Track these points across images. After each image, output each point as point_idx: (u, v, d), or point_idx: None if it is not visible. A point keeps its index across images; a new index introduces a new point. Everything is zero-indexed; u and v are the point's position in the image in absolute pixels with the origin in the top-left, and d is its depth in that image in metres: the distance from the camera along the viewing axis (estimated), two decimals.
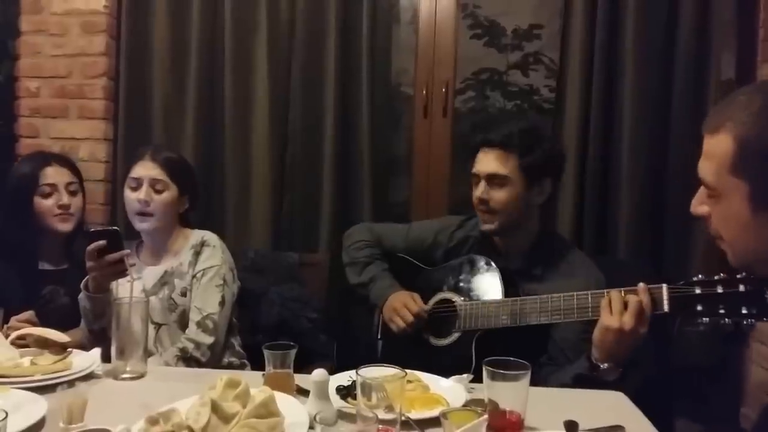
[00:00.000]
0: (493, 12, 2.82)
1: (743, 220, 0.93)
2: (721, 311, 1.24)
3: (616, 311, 1.36)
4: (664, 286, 1.35)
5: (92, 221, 2.36)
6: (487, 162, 1.69)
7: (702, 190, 1.02)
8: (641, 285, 1.38)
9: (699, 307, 1.27)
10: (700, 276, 1.29)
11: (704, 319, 1.27)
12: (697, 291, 1.28)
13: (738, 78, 2.31)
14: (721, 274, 1.26)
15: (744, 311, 1.21)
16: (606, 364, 1.40)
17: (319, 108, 2.49)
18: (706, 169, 0.98)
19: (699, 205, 1.03)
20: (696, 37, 2.28)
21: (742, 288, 1.22)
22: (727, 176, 0.94)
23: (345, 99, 2.49)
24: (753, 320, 1.21)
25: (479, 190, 1.70)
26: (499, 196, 1.68)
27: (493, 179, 1.68)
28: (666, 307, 1.34)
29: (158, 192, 1.83)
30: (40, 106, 2.62)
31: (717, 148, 0.95)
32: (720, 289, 1.25)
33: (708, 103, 2.28)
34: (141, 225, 1.84)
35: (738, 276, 1.23)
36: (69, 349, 1.45)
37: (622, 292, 1.39)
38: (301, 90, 2.51)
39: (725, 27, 2.29)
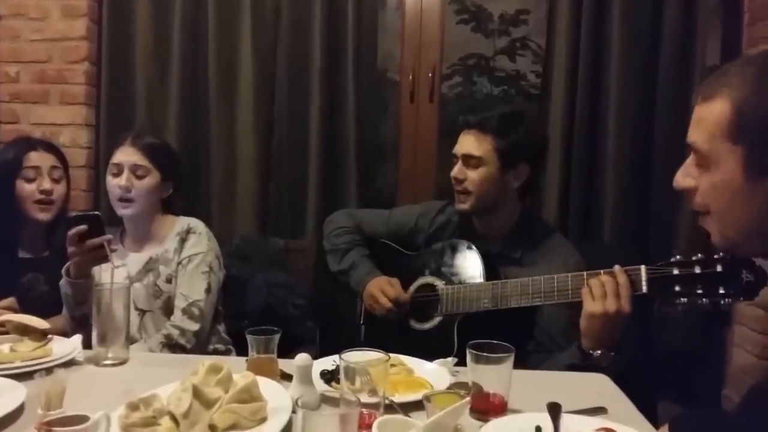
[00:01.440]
0: None
1: (735, 188, 0.91)
2: (699, 291, 1.25)
3: (598, 296, 1.37)
4: (643, 268, 1.36)
5: (74, 208, 2.33)
6: (464, 142, 1.72)
7: (688, 162, 1.00)
8: (616, 267, 1.39)
9: (677, 288, 1.28)
10: (678, 257, 1.29)
11: (682, 299, 1.27)
12: (675, 272, 1.29)
13: (723, 63, 2.31)
14: (699, 255, 1.26)
15: (721, 291, 1.21)
16: (598, 352, 1.41)
17: (304, 93, 2.47)
18: (697, 134, 0.95)
19: (684, 178, 1.00)
20: (681, 22, 2.29)
21: (719, 268, 1.22)
22: (721, 141, 0.91)
23: (331, 84, 2.47)
24: (730, 300, 1.21)
25: (455, 170, 1.74)
26: (473, 176, 1.70)
27: (468, 159, 1.70)
28: (645, 289, 1.34)
29: (139, 178, 1.80)
30: (20, 91, 2.58)
31: (712, 113, 0.93)
32: (698, 270, 1.25)
33: (693, 88, 2.28)
34: (123, 211, 1.82)
35: (715, 256, 1.23)
36: (49, 336, 1.43)
37: (601, 273, 1.40)
38: (287, 75, 2.49)
39: (711, 12, 2.30)
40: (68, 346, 1.40)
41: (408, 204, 2.28)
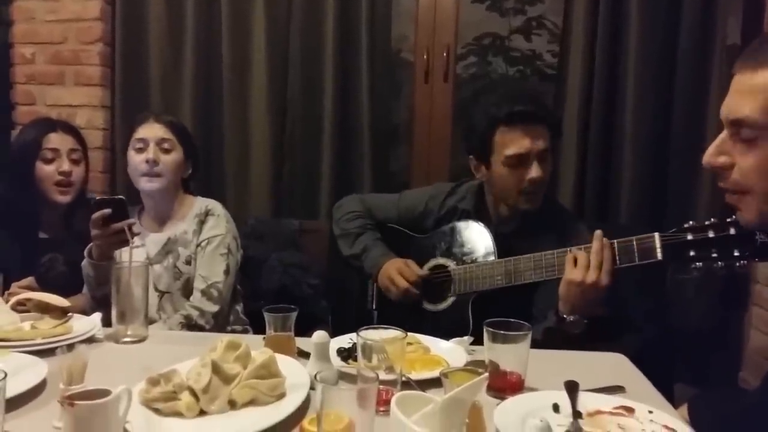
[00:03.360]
0: None
1: None
2: (714, 255, 1.24)
3: (581, 266, 1.40)
4: (656, 235, 1.35)
5: (91, 189, 2.34)
6: (535, 138, 1.58)
7: (721, 138, 0.92)
8: (604, 239, 1.42)
9: (691, 253, 1.28)
10: (691, 222, 1.29)
11: (697, 264, 1.27)
12: (689, 237, 1.28)
13: (743, 43, 2.27)
14: (712, 219, 1.26)
15: (736, 254, 1.21)
16: (572, 317, 1.44)
17: (318, 74, 2.46)
18: (747, 106, 0.87)
19: (718, 156, 0.92)
20: (701, 1, 2.24)
21: (732, 231, 1.22)
22: None
23: (344, 64, 2.45)
24: (745, 262, 1.20)
25: (536, 171, 1.59)
26: (546, 172, 1.62)
27: (543, 155, 1.60)
28: (659, 255, 1.34)
29: (166, 151, 1.81)
30: (36, 72, 2.59)
31: (766, 81, 0.85)
32: (711, 234, 1.25)
33: (713, 68, 2.25)
34: (148, 185, 1.81)
35: (728, 220, 1.22)
36: (69, 314, 1.45)
37: (582, 248, 1.43)
38: (300, 55, 2.48)
39: None
40: (88, 323, 1.42)
41: (423, 185, 2.27)
